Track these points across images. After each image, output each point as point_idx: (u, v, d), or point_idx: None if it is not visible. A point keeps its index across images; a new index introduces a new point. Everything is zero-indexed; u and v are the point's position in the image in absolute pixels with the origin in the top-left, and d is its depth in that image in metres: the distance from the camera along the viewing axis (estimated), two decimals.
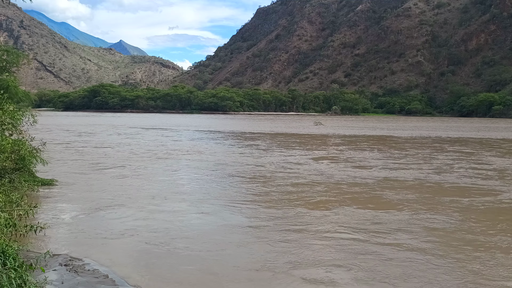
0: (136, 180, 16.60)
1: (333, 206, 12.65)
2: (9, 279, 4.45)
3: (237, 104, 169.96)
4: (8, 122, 10.48)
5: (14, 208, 6.77)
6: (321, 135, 48.19)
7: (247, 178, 17.69)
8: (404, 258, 8.27)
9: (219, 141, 36.85)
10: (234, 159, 23.95)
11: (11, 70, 15.21)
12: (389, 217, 11.38)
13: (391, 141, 40.55)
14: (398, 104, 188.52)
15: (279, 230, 10.04)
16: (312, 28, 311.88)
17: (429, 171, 20.01)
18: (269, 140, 38.37)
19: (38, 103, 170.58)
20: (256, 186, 15.91)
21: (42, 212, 10.43)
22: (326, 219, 11.16)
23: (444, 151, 30.21)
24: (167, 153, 26.57)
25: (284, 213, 11.71)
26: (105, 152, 26.42)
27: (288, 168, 20.43)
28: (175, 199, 13.38)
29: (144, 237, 9.36)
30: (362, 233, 9.88)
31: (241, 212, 11.80)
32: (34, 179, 13.28)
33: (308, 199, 13.60)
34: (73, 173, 17.93)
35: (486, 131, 62.35)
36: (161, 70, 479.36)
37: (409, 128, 67.98)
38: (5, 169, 10.17)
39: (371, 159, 24.82)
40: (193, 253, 8.37)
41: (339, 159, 24.41)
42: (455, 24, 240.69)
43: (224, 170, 19.74)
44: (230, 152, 27.87)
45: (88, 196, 13.35)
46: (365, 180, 17.23)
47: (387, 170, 20.27)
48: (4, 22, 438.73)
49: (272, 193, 14.51)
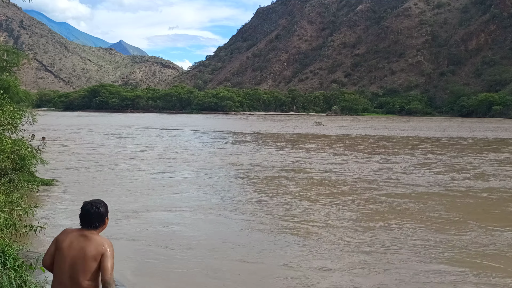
0: (136, 180, 16.59)
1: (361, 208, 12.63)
2: (9, 279, 4.45)
3: (237, 104, 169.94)
4: (8, 122, 10.48)
5: (14, 208, 6.77)
6: (325, 135, 48.20)
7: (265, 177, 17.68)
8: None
9: (240, 142, 36.89)
10: (241, 159, 23.95)
11: (12, 70, 15.19)
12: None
13: (422, 142, 40.44)
14: (398, 104, 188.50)
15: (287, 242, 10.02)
16: (312, 28, 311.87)
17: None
18: (273, 140, 38.39)
19: (38, 103, 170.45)
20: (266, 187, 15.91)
21: (42, 212, 10.43)
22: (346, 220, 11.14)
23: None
24: (180, 154, 26.57)
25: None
26: (130, 153, 26.38)
27: (295, 168, 20.43)
28: (178, 199, 13.35)
29: (145, 238, 9.35)
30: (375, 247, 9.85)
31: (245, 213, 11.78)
32: (34, 179, 13.28)
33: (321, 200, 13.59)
34: (73, 173, 17.93)
35: (502, 131, 61.90)
36: (161, 70, 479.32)
37: (423, 129, 67.15)
38: (5, 169, 10.17)
39: (410, 165, 24.77)
40: (194, 256, 8.33)
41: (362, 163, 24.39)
42: (455, 24, 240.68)
43: (229, 171, 19.75)
44: (240, 152, 27.88)
45: (89, 196, 13.34)
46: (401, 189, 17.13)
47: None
48: (4, 22, 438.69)
49: (285, 193, 14.50)
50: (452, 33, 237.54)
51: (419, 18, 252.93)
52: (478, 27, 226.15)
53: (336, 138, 43.05)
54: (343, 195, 14.16)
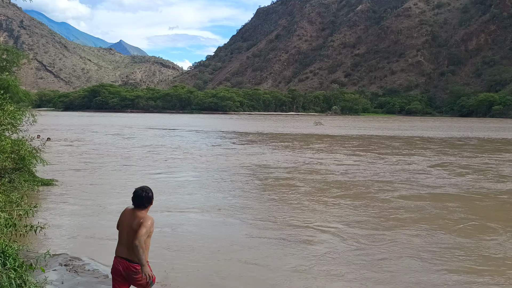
0: (138, 180, 16.56)
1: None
2: (9, 279, 4.43)
3: (237, 104, 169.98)
4: (8, 122, 10.47)
5: (14, 208, 6.75)
6: (330, 135, 48.15)
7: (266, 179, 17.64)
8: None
9: (245, 143, 36.80)
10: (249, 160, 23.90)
11: (12, 69, 15.19)
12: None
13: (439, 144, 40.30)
14: (398, 104, 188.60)
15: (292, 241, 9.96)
16: (312, 28, 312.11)
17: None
18: (281, 141, 38.34)
19: (38, 103, 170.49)
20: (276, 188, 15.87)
21: (42, 212, 10.40)
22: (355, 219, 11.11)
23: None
24: (183, 152, 26.50)
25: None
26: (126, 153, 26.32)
27: (308, 169, 20.40)
28: (180, 200, 13.30)
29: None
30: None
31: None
32: (34, 179, 13.25)
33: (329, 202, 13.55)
34: (75, 173, 17.90)
35: (503, 131, 61.49)
36: (161, 70, 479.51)
37: (426, 129, 66.51)
38: (5, 169, 10.15)
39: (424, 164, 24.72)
40: (197, 256, 8.29)
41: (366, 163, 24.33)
42: (455, 24, 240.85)
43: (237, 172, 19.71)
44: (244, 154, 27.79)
45: (89, 196, 13.32)
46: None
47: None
48: (4, 22, 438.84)
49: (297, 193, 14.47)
50: (452, 33, 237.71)
51: (419, 18, 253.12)
52: (478, 27, 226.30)
53: (342, 139, 42.53)
54: (359, 198, 13.71)
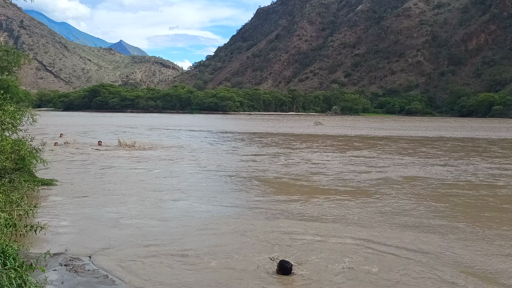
0: (138, 180, 16.56)
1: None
2: (9, 279, 4.44)
3: (237, 104, 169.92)
4: (8, 122, 10.47)
5: (14, 208, 6.76)
6: (334, 135, 48.09)
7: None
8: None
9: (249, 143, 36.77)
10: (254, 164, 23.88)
11: (12, 70, 15.19)
12: None
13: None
14: (398, 104, 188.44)
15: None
16: (312, 28, 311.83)
17: None
18: (293, 141, 38.37)
19: (38, 103, 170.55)
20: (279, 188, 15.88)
21: (42, 212, 10.42)
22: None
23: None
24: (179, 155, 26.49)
25: None
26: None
27: (305, 170, 20.43)
28: (182, 201, 13.29)
29: (146, 238, 9.31)
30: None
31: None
32: (34, 179, 13.26)
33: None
34: (75, 173, 17.91)
35: (505, 131, 61.26)
36: (161, 70, 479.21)
37: (429, 129, 65.93)
38: (5, 169, 10.16)
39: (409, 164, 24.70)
40: (197, 257, 8.29)
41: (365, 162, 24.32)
42: (455, 24, 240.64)
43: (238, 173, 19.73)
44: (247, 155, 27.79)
45: (89, 196, 13.32)
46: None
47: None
48: (4, 22, 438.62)
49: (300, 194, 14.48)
50: (452, 33, 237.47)
51: (419, 18, 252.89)
52: (478, 27, 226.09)
53: (342, 139, 42.15)
54: (388, 205, 12.96)
